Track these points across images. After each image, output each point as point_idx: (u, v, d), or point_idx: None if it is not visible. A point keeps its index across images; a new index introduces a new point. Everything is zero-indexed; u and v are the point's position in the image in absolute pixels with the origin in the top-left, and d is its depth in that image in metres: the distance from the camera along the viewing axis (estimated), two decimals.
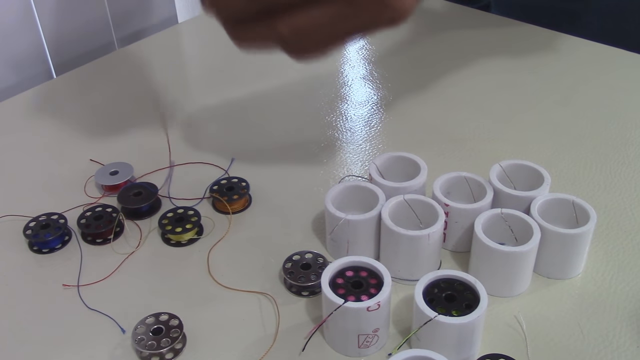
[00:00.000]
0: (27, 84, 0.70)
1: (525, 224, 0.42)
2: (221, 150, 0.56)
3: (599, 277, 0.43)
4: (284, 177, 0.53)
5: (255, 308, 0.42)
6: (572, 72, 0.66)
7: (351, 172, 0.53)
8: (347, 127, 0.59)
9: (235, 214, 0.49)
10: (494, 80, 0.65)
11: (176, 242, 0.47)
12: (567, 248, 0.42)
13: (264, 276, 0.44)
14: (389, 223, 0.42)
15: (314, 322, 0.41)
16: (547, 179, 0.45)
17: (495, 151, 0.55)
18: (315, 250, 0.45)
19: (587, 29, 0.74)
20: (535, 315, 0.41)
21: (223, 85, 0.66)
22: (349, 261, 0.40)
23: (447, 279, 0.39)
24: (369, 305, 0.37)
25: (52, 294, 0.43)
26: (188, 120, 0.61)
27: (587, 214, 0.43)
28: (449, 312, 0.37)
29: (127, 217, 0.49)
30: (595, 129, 0.58)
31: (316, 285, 0.42)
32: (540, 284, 0.43)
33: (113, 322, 0.41)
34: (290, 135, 0.58)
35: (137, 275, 0.45)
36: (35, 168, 0.55)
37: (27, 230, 0.47)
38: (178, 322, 0.40)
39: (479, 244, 0.41)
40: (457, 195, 0.46)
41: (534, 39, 0.72)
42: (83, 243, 0.47)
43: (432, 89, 0.64)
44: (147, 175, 0.53)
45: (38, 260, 0.46)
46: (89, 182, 0.53)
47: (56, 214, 0.48)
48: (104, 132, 0.59)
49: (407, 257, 0.42)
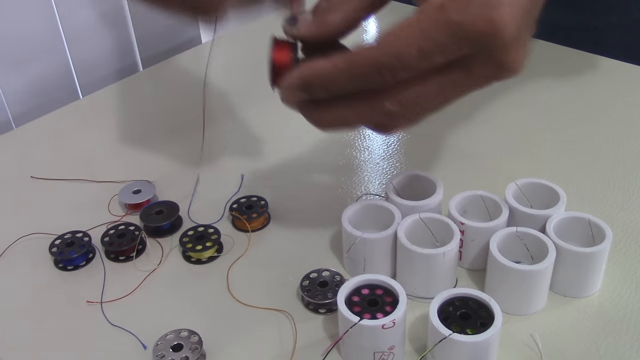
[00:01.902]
0: (54, 104, 0.72)
1: (540, 243, 0.42)
2: (241, 168, 0.57)
3: (616, 295, 0.43)
4: (302, 195, 0.54)
5: (273, 325, 0.42)
6: (590, 90, 0.66)
7: (369, 191, 0.54)
8: (366, 145, 0.60)
9: (255, 232, 0.50)
10: (511, 98, 0.66)
11: (196, 259, 0.48)
12: (582, 266, 0.42)
13: (282, 293, 0.45)
14: (405, 241, 0.42)
15: (331, 340, 0.41)
16: (562, 197, 0.45)
17: (511, 169, 0.56)
18: (333, 268, 0.45)
19: (609, 45, 0.74)
20: (552, 334, 0.41)
21: (244, 103, 0.67)
22: (364, 279, 0.40)
23: (462, 297, 0.39)
24: (384, 323, 0.37)
25: (76, 311, 0.44)
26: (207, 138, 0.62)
27: (603, 233, 0.43)
28: (464, 330, 0.37)
29: (149, 235, 0.50)
30: (613, 146, 0.58)
31: (333, 303, 0.43)
32: (557, 302, 0.43)
33: (135, 338, 0.42)
34: (309, 154, 0.59)
35: (159, 292, 0.46)
36: (61, 187, 0.57)
37: (52, 247, 0.48)
38: (198, 339, 0.41)
39: (495, 262, 0.42)
40: (473, 213, 0.47)
41: (553, 56, 0.72)
42: (106, 260, 0.48)
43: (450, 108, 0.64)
44: (168, 193, 0.54)
45: (63, 277, 0.47)
46: (112, 201, 0.54)
47: (81, 232, 0.49)
48: (128, 152, 0.61)
49: (422, 275, 0.43)
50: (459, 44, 0.33)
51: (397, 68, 0.33)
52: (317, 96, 0.36)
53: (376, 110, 0.36)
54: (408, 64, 0.33)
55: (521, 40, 0.34)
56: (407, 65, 0.33)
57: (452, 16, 0.32)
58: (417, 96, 0.35)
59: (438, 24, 0.32)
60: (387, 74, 0.34)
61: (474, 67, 0.34)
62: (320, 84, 0.36)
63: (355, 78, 0.34)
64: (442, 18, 0.32)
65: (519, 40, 0.34)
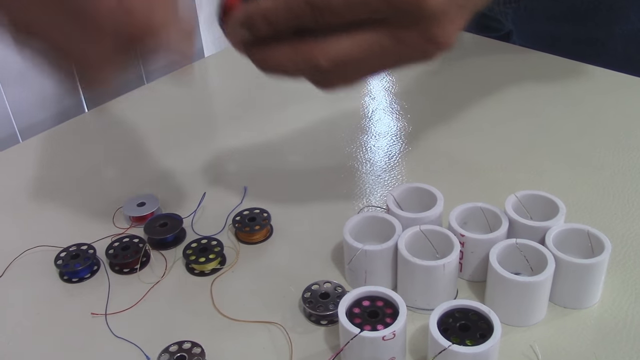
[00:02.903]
0: (58, 118, 0.73)
1: (540, 254, 0.43)
2: (243, 180, 0.58)
3: (616, 306, 0.44)
4: (304, 207, 0.55)
5: (275, 337, 0.43)
6: (592, 101, 0.67)
7: (370, 203, 0.54)
8: (367, 158, 0.60)
9: (257, 244, 0.51)
10: (513, 109, 0.66)
11: (200, 271, 0.48)
12: (582, 278, 0.42)
13: (285, 305, 0.45)
14: (405, 253, 0.43)
15: (332, 351, 0.42)
16: (562, 209, 0.46)
17: (511, 181, 0.56)
18: (334, 279, 0.46)
19: (611, 55, 0.74)
20: (551, 345, 0.41)
21: (246, 117, 0.68)
22: (365, 291, 0.41)
23: (461, 309, 0.39)
24: (385, 335, 0.37)
25: (81, 322, 0.45)
26: (210, 151, 0.63)
27: (602, 244, 0.43)
28: (463, 342, 0.37)
29: (153, 248, 0.50)
30: (612, 158, 0.58)
31: (334, 315, 0.43)
32: (557, 314, 0.43)
33: (138, 349, 0.42)
34: (311, 166, 0.60)
35: (162, 304, 0.46)
36: (66, 200, 0.57)
37: (57, 260, 0.49)
38: (200, 350, 0.41)
39: (494, 273, 0.42)
40: (473, 225, 0.47)
41: (554, 68, 0.73)
42: (111, 273, 0.49)
43: (451, 120, 0.65)
44: (172, 206, 0.55)
45: (68, 289, 0.48)
46: (117, 213, 0.55)
47: (86, 245, 0.50)
48: (132, 165, 0.61)
49: (423, 286, 0.43)
50: (383, 4, 0.36)
51: (325, 9, 0.36)
52: (258, 32, 0.39)
53: (310, 62, 0.38)
54: (335, 8, 0.36)
55: (450, 16, 0.37)
56: (334, 9, 0.36)
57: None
58: (346, 54, 0.38)
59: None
60: (317, 14, 0.37)
61: (402, 34, 0.37)
62: (261, 17, 0.38)
63: (291, 10, 0.37)
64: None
65: (448, 16, 0.37)
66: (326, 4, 0.36)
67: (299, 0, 0.37)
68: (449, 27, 0.37)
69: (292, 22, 0.38)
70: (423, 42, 0.37)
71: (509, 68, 0.74)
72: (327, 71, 0.39)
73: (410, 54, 0.38)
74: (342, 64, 0.38)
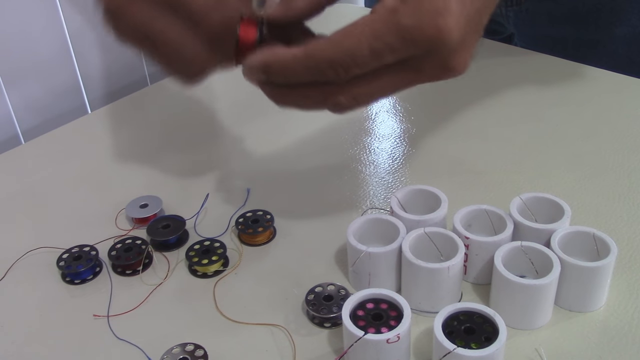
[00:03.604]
0: (62, 119, 0.73)
1: (545, 257, 0.42)
2: (246, 182, 0.57)
3: (622, 309, 0.43)
4: (307, 209, 0.54)
5: (278, 339, 0.43)
6: (595, 104, 0.66)
7: (374, 205, 0.54)
8: (371, 160, 0.60)
9: (260, 246, 0.50)
10: (516, 112, 0.66)
11: (202, 273, 0.48)
12: (587, 281, 0.42)
13: (288, 307, 0.45)
14: (409, 256, 0.42)
15: (336, 354, 0.41)
16: (567, 211, 0.46)
17: (516, 183, 0.56)
18: (338, 282, 0.45)
19: (612, 58, 0.74)
20: (557, 349, 0.41)
21: (250, 119, 0.67)
22: (369, 293, 0.40)
23: (466, 312, 0.39)
24: (389, 337, 0.37)
25: (83, 324, 0.45)
26: (214, 152, 0.63)
27: (608, 247, 0.43)
28: (468, 345, 0.37)
29: (155, 249, 0.50)
30: (617, 160, 0.58)
31: (338, 317, 0.43)
32: (562, 317, 0.43)
33: (141, 351, 0.42)
34: (314, 168, 0.60)
35: (165, 306, 0.46)
36: (69, 201, 0.57)
37: (60, 261, 0.49)
38: (203, 353, 0.41)
39: (499, 276, 0.42)
40: (477, 227, 0.47)
41: (556, 70, 0.73)
42: (113, 274, 0.49)
43: (454, 122, 0.65)
44: (175, 207, 0.55)
45: (70, 290, 0.48)
46: (119, 215, 0.54)
47: (88, 246, 0.50)
48: (135, 166, 0.61)
49: (427, 289, 0.43)
50: (408, 47, 0.36)
51: (350, 65, 0.36)
52: (275, 81, 0.39)
53: (331, 101, 0.39)
54: (360, 61, 0.36)
55: (466, 44, 0.38)
56: (359, 63, 0.36)
57: (403, 20, 0.35)
58: (370, 91, 0.39)
59: (389, 26, 0.35)
60: (340, 71, 0.37)
61: (423, 67, 0.38)
62: (278, 71, 0.38)
63: (311, 71, 0.37)
64: (393, 21, 0.35)
65: (464, 45, 0.37)
66: (349, 58, 0.36)
67: (318, 58, 0.37)
68: (466, 55, 0.38)
69: (310, 78, 0.38)
70: (441, 71, 0.38)
71: (512, 70, 0.73)
72: (346, 105, 0.39)
73: (425, 79, 0.39)
74: (362, 98, 0.39)
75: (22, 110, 0.71)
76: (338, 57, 0.36)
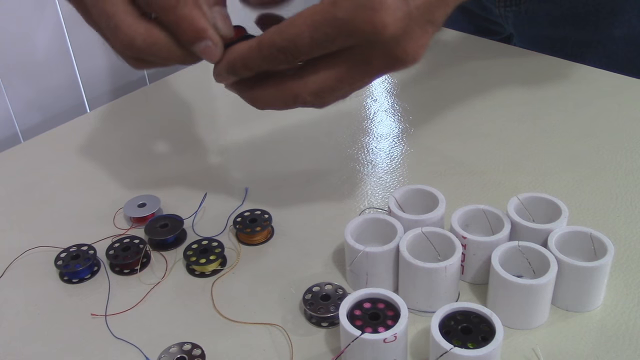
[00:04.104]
0: (61, 118, 0.73)
1: (542, 257, 0.42)
2: (244, 182, 0.57)
3: (619, 310, 0.43)
4: (305, 209, 0.54)
5: (275, 339, 0.43)
6: (594, 104, 0.66)
7: (372, 204, 0.54)
8: (369, 159, 0.60)
9: (258, 245, 0.51)
10: (514, 112, 0.66)
11: (200, 272, 0.48)
12: (584, 281, 0.42)
13: (285, 307, 0.45)
14: (407, 255, 0.42)
15: (333, 353, 0.41)
16: (564, 211, 0.46)
17: (514, 183, 0.56)
18: (335, 281, 0.46)
19: (611, 59, 0.74)
20: (554, 349, 0.41)
21: (248, 118, 0.67)
22: (366, 293, 0.40)
23: (463, 312, 0.39)
24: (386, 337, 0.37)
25: (81, 323, 0.45)
26: (212, 152, 0.63)
27: (605, 247, 0.43)
28: (465, 345, 0.37)
29: (153, 249, 0.50)
30: (615, 161, 0.58)
31: (335, 317, 0.43)
32: (559, 317, 0.43)
33: (138, 350, 0.42)
34: (312, 168, 0.60)
35: (162, 305, 0.46)
36: (67, 200, 0.57)
37: (58, 260, 0.49)
38: (200, 352, 0.41)
39: (496, 276, 0.42)
40: (475, 227, 0.47)
41: (555, 70, 0.73)
42: (111, 273, 0.49)
43: (453, 122, 0.65)
44: (173, 207, 0.55)
45: (68, 290, 0.48)
46: (118, 214, 0.54)
47: (86, 245, 0.50)
48: (133, 165, 0.61)
49: (424, 289, 0.43)
50: (345, 38, 0.38)
51: (293, 51, 0.39)
52: (242, 75, 0.42)
53: (295, 98, 0.42)
54: (302, 49, 0.39)
55: (411, 35, 0.39)
56: (302, 50, 0.39)
57: (339, 14, 0.37)
58: (325, 84, 0.41)
59: (327, 18, 0.38)
60: (288, 55, 0.39)
61: (369, 58, 0.39)
62: (241, 64, 0.41)
63: (265, 57, 0.40)
64: (331, 13, 0.37)
65: (409, 35, 0.39)
66: (292, 45, 0.39)
67: (268, 45, 0.39)
68: (412, 45, 0.39)
69: (268, 65, 0.40)
70: (389, 61, 0.40)
71: (511, 70, 0.74)
72: (312, 102, 0.42)
73: (380, 70, 0.40)
74: (323, 93, 0.41)
75: (21, 108, 0.71)
76: (283, 44, 0.39)
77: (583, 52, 0.75)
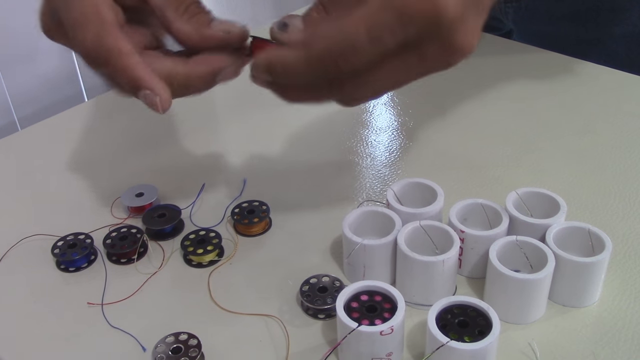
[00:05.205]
0: (59, 106, 0.73)
1: (540, 252, 0.42)
2: (243, 173, 0.57)
3: (615, 305, 0.44)
4: (303, 200, 0.54)
5: (272, 330, 0.43)
6: (593, 100, 0.66)
7: (370, 197, 0.54)
8: (367, 152, 0.60)
9: (256, 237, 0.50)
10: (513, 107, 0.66)
11: (197, 263, 0.48)
12: (582, 276, 0.42)
13: (282, 298, 0.45)
14: (405, 248, 0.42)
15: (330, 345, 0.41)
16: (563, 207, 0.46)
17: (512, 178, 0.56)
18: (333, 273, 0.45)
19: (611, 57, 0.74)
20: (550, 343, 0.41)
21: (247, 109, 0.67)
22: (363, 285, 0.40)
23: (460, 305, 0.39)
24: (382, 330, 0.37)
25: (77, 312, 0.45)
26: (211, 142, 0.62)
27: (602, 243, 0.43)
28: (462, 338, 0.37)
29: (151, 238, 0.50)
30: (614, 157, 0.58)
31: (332, 309, 0.43)
32: (556, 312, 0.43)
33: (134, 340, 0.42)
34: (311, 160, 0.59)
35: (159, 295, 0.46)
36: (65, 189, 0.57)
37: (55, 249, 0.49)
38: (197, 342, 0.41)
39: (494, 270, 0.42)
40: (473, 221, 0.47)
41: (555, 66, 0.73)
42: (108, 263, 0.49)
43: (452, 116, 0.65)
44: (171, 196, 0.55)
45: (65, 278, 0.48)
46: (115, 204, 0.54)
47: (83, 234, 0.50)
48: (131, 155, 0.61)
49: (422, 282, 0.43)
50: (405, 26, 0.35)
51: (351, 54, 0.35)
52: (279, 81, 0.39)
53: (337, 94, 0.39)
54: (361, 49, 0.35)
55: (467, 21, 0.36)
56: (360, 51, 0.35)
57: (395, 2, 0.34)
58: (375, 80, 0.38)
59: (384, 8, 0.35)
60: (343, 63, 0.36)
61: (425, 50, 0.36)
62: (282, 72, 0.38)
63: (314, 69, 0.37)
64: (387, 2, 0.34)
65: (465, 22, 0.36)
66: (350, 47, 0.35)
67: (320, 54, 0.36)
68: (470, 31, 0.37)
69: (313, 77, 0.37)
70: (446, 53, 0.37)
71: (510, 65, 0.73)
72: (354, 100, 0.40)
73: (434, 66, 0.38)
74: (371, 89, 0.39)
75: (19, 97, 0.71)
76: (339, 49, 0.36)
77: (583, 49, 0.75)
